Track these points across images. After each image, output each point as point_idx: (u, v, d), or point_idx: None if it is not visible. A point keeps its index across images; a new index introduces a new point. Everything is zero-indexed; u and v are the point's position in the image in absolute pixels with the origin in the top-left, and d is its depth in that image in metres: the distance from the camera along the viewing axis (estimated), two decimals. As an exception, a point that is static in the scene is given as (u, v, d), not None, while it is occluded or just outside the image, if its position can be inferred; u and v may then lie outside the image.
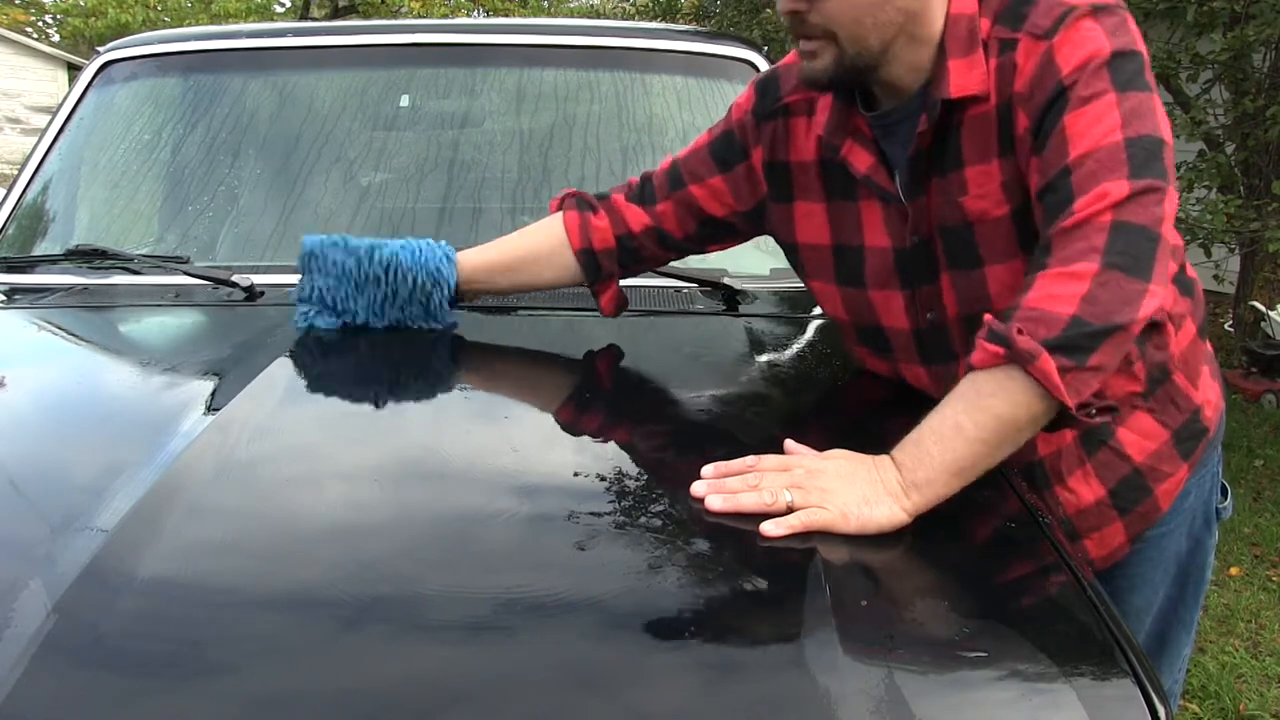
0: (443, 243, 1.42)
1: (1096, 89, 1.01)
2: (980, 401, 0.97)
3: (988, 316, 1.00)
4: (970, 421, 0.97)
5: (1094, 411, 0.99)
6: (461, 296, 1.43)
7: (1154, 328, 1.15)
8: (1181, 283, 1.20)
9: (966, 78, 1.08)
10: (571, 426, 1.24)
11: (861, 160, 1.18)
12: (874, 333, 1.27)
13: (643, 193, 1.39)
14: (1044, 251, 1.01)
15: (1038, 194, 1.05)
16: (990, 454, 0.98)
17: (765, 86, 1.31)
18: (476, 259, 1.42)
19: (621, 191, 1.40)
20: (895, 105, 1.14)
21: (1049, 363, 0.95)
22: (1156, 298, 0.99)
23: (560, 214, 1.41)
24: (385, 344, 1.44)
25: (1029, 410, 0.97)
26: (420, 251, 1.39)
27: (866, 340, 1.31)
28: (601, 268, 1.40)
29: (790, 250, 1.34)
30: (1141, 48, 1.04)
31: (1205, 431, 1.25)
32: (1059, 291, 0.97)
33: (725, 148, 1.33)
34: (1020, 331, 0.96)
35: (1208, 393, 1.25)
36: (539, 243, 1.41)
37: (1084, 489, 1.21)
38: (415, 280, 1.38)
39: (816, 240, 1.28)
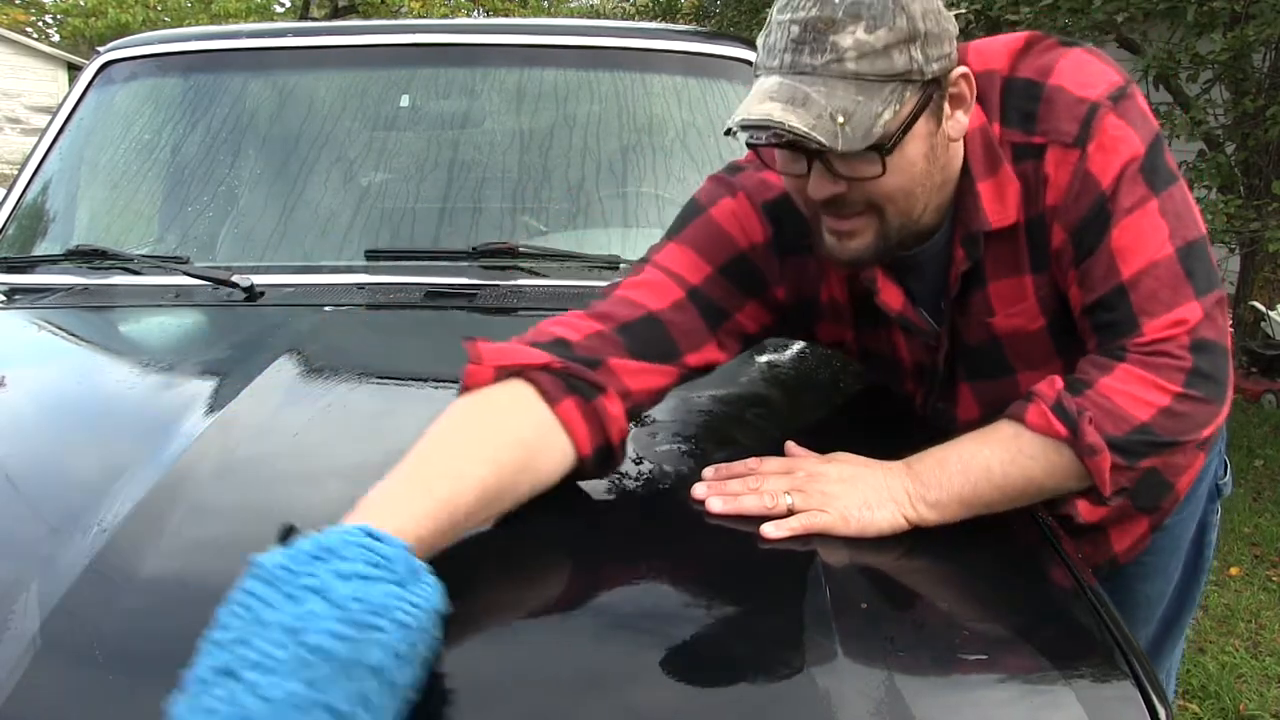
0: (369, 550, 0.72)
1: (1138, 196, 0.98)
2: (1019, 459, 0.96)
3: (1060, 382, 0.97)
4: (1001, 471, 0.96)
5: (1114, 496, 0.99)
6: None
7: None
8: None
9: (1002, 203, 1.02)
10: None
11: (894, 298, 1.09)
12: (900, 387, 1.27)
13: (640, 351, 1.03)
14: (1118, 350, 0.98)
15: (1086, 308, 1.01)
16: (1006, 502, 0.98)
17: (780, 216, 1.10)
18: (430, 536, 0.80)
19: (610, 349, 1.01)
20: (920, 247, 1.06)
21: (1107, 460, 0.94)
22: (1222, 415, 0.99)
23: (533, 403, 0.94)
24: (386, 343, 1.45)
25: (1062, 484, 0.98)
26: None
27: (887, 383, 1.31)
28: (612, 462, 1.00)
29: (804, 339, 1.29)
30: (1154, 121, 1.01)
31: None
32: (1139, 394, 0.96)
33: (745, 276, 1.11)
34: (1090, 421, 0.95)
35: None
36: (514, 459, 0.90)
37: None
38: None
39: (840, 343, 1.23)
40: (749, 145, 1.01)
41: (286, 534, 0.74)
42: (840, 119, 0.89)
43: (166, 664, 0.76)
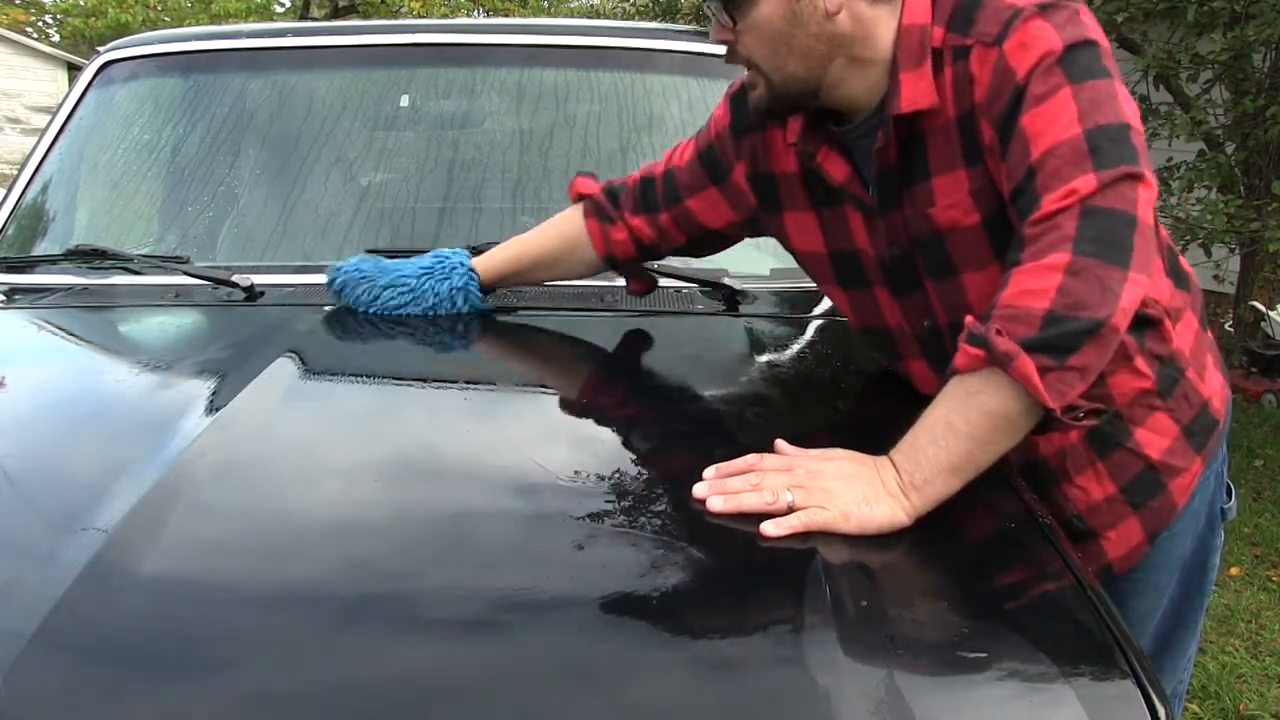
0: (461, 256, 1.48)
1: (1050, 85, 1.00)
2: (969, 400, 0.97)
3: (969, 318, 1.00)
4: (961, 420, 0.97)
5: (1081, 415, 0.98)
6: (485, 293, 1.51)
7: (1149, 323, 1.14)
8: (1177, 276, 1.20)
9: (916, 90, 1.08)
10: (572, 426, 1.25)
11: (838, 169, 1.18)
12: (882, 335, 1.27)
13: (646, 199, 1.41)
14: (1017, 248, 1.00)
15: (1010, 199, 1.04)
16: (984, 450, 0.98)
17: (739, 99, 1.29)
18: (498, 267, 1.49)
19: (631, 199, 1.42)
20: (859, 121, 1.15)
21: (1028, 364, 0.94)
22: (1140, 286, 0.96)
23: (580, 216, 1.45)
24: (386, 344, 1.45)
25: (1018, 405, 0.96)
26: (442, 278, 1.47)
27: (877, 344, 1.32)
28: (627, 271, 1.51)
29: (794, 256, 1.35)
30: (1097, 36, 1.03)
31: (1216, 423, 1.25)
32: (1032, 286, 0.96)
33: (711, 161, 1.34)
34: (999, 332, 0.95)
35: (1214, 383, 1.25)
36: (561, 244, 1.48)
37: (1094, 487, 1.20)
38: (440, 300, 1.48)
39: (813, 248, 1.28)
40: None
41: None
42: None
43: (167, 661, 0.76)
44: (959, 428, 0.97)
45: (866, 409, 1.34)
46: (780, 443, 1.04)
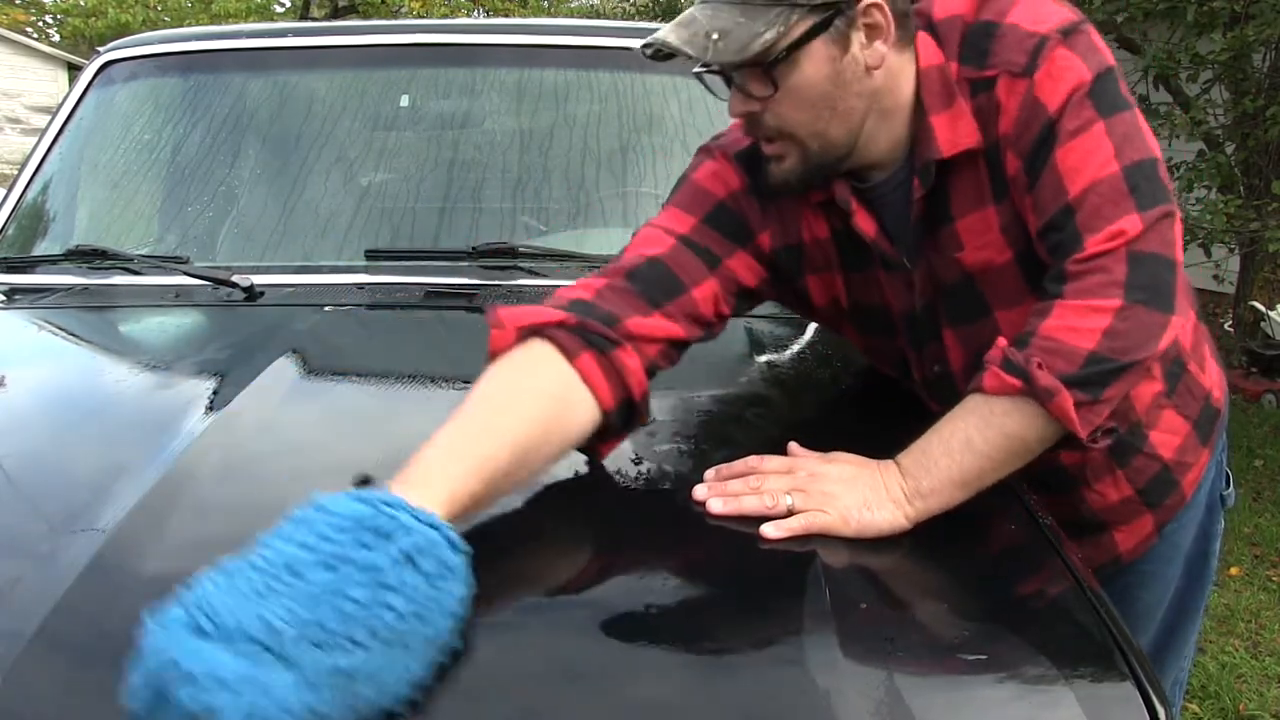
0: (408, 513, 0.77)
1: (1084, 119, 0.99)
2: (993, 421, 0.97)
3: (1002, 341, 0.98)
4: (981, 438, 0.97)
5: (1098, 436, 0.99)
6: None
7: None
8: None
9: (955, 132, 1.04)
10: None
11: (868, 224, 1.11)
12: (899, 363, 1.26)
13: (649, 293, 1.07)
14: (1058, 280, 0.99)
15: (1039, 232, 1.03)
16: (997, 469, 0.98)
17: (755, 162, 1.13)
18: (465, 494, 0.84)
19: (622, 306, 1.04)
20: (883, 178, 1.10)
21: (1067, 400, 0.94)
22: (1176, 328, 0.98)
23: (555, 361, 0.97)
24: (386, 343, 1.45)
25: (1040, 433, 0.97)
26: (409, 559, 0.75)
27: (889, 365, 1.29)
28: (634, 417, 1.04)
29: (802, 310, 1.27)
30: (1110, 59, 1.02)
31: (1217, 413, 1.26)
32: (1079, 324, 0.96)
33: (729, 223, 1.15)
34: (1040, 366, 0.95)
35: (1213, 373, 1.26)
36: (546, 414, 0.94)
37: (1111, 490, 1.21)
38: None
39: (832, 299, 1.22)
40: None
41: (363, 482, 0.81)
42: (715, 36, 0.98)
43: (166, 664, 0.76)
44: (977, 445, 0.97)
45: (866, 410, 1.34)
46: (794, 445, 1.04)
